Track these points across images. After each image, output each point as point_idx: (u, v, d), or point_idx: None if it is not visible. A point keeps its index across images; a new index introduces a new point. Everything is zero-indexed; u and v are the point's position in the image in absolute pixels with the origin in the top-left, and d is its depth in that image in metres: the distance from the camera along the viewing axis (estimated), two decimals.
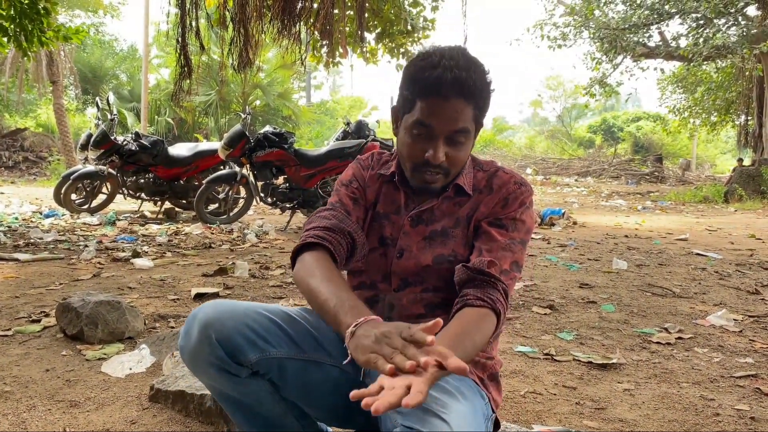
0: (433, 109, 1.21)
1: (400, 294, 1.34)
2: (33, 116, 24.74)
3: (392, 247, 1.36)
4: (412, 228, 1.35)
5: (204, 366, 1.17)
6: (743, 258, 5.35)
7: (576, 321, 3.08)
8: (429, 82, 1.20)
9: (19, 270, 4.04)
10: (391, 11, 8.42)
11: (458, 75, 1.18)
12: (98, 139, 7.47)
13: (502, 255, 1.25)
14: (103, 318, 2.55)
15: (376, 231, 1.39)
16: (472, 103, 1.22)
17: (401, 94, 1.28)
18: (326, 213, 1.36)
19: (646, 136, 32.87)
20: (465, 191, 1.34)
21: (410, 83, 1.24)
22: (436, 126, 1.22)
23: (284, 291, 3.61)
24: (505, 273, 1.23)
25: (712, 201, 14.49)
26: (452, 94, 1.19)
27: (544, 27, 17.82)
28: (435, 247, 1.32)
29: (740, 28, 14.99)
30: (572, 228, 7.69)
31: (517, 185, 1.33)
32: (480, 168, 1.39)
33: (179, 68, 6.68)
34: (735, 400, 2.07)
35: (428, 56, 1.22)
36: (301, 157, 6.96)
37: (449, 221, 1.34)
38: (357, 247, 1.34)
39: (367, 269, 1.39)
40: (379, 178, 1.43)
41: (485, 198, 1.34)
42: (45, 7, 6.16)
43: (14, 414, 1.83)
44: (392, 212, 1.39)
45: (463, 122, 1.22)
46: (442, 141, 1.23)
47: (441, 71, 1.18)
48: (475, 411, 1.11)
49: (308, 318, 1.34)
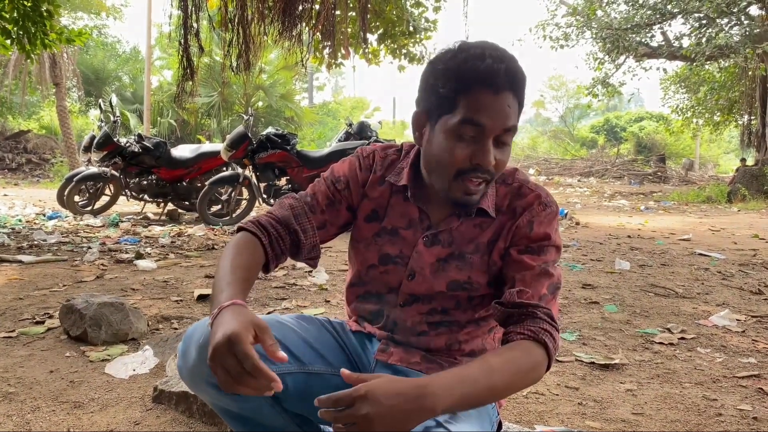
0: (484, 104, 1.07)
1: (406, 309, 1.27)
2: (36, 118, 24.83)
3: (401, 266, 1.26)
4: (426, 248, 1.24)
5: (203, 386, 1.15)
6: (746, 258, 5.34)
7: (578, 321, 3.08)
8: (479, 75, 1.06)
9: (22, 272, 4.06)
10: (394, 12, 8.44)
11: (510, 66, 1.07)
12: (101, 141, 7.48)
13: (538, 281, 1.15)
14: (106, 319, 2.55)
15: (378, 246, 1.28)
16: (518, 98, 1.10)
17: (433, 94, 1.12)
18: (287, 202, 1.28)
19: (648, 136, 32.81)
20: (488, 213, 1.21)
21: (450, 79, 1.09)
22: (487, 124, 1.08)
23: (287, 292, 3.61)
24: (544, 298, 1.13)
25: (716, 201, 14.46)
26: (504, 87, 1.07)
27: (546, 27, 17.81)
28: (449, 271, 1.22)
29: (743, 27, 14.96)
30: (575, 228, 7.69)
31: (542, 207, 1.20)
32: (503, 181, 1.24)
33: (182, 70, 6.71)
34: (737, 401, 2.07)
35: (466, 49, 1.09)
36: (303, 159, 6.98)
37: (468, 246, 1.22)
38: (302, 247, 1.26)
39: (372, 283, 1.31)
40: (383, 184, 1.29)
41: (509, 223, 1.21)
42: (48, 9, 6.18)
43: (18, 415, 1.84)
44: (402, 227, 1.26)
45: (514, 119, 1.11)
46: (491, 142, 1.10)
47: (491, 62, 1.06)
48: (481, 420, 1.11)
49: (306, 326, 1.30)
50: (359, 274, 1.33)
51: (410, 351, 1.27)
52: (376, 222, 1.29)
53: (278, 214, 1.25)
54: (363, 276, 1.32)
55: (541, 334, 1.07)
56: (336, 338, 1.34)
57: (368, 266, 1.30)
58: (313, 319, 1.35)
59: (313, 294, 3.60)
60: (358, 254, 1.32)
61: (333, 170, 1.33)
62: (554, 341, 1.09)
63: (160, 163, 7.62)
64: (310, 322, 1.33)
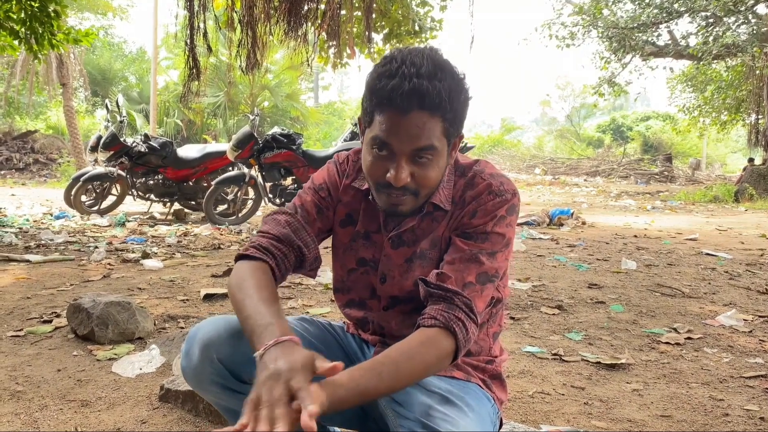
0: (391, 124, 1.05)
1: (389, 314, 1.28)
2: (43, 118, 24.93)
3: (373, 269, 1.27)
4: (393, 250, 1.24)
5: (207, 385, 1.16)
6: (753, 258, 5.31)
7: (584, 321, 3.07)
8: (384, 94, 1.04)
9: (30, 271, 4.08)
10: (399, 12, 8.43)
11: (418, 84, 1.02)
12: (108, 141, 7.52)
13: (465, 267, 1.13)
14: (113, 318, 2.57)
15: (354, 251, 1.29)
16: (438, 115, 1.05)
17: (362, 104, 1.13)
18: (283, 219, 1.27)
19: (655, 135, 32.69)
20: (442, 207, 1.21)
21: (367, 93, 1.09)
22: (394, 144, 1.07)
23: (293, 291, 3.62)
24: (468, 286, 1.12)
25: (723, 200, 14.40)
26: (412, 107, 1.03)
27: (552, 26, 17.76)
28: (414, 270, 1.22)
29: (750, 26, 14.89)
30: (581, 228, 7.67)
31: (491, 195, 1.18)
32: (461, 173, 1.23)
33: (188, 70, 6.73)
34: (744, 401, 2.06)
35: (388, 62, 1.07)
36: (309, 158, 6.99)
37: (427, 242, 1.22)
38: (306, 261, 1.27)
39: (354, 287, 1.31)
40: (354, 189, 1.30)
41: (457, 212, 1.21)
42: (55, 10, 6.22)
43: (26, 413, 1.85)
44: (373, 231, 1.28)
45: (428, 139, 1.06)
46: (405, 160, 1.08)
47: (398, 80, 1.03)
48: (482, 422, 1.11)
49: (308, 328, 1.32)
50: (341, 278, 1.34)
51: None
52: (351, 226, 1.30)
53: (277, 233, 1.25)
54: (345, 280, 1.33)
55: (452, 322, 1.07)
56: (337, 340, 1.37)
57: (348, 270, 1.31)
58: (314, 321, 1.37)
59: (319, 293, 3.60)
60: (338, 259, 1.34)
61: (313, 179, 1.34)
62: (465, 332, 1.08)
63: (167, 163, 7.65)
64: (312, 324, 1.35)
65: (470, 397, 1.14)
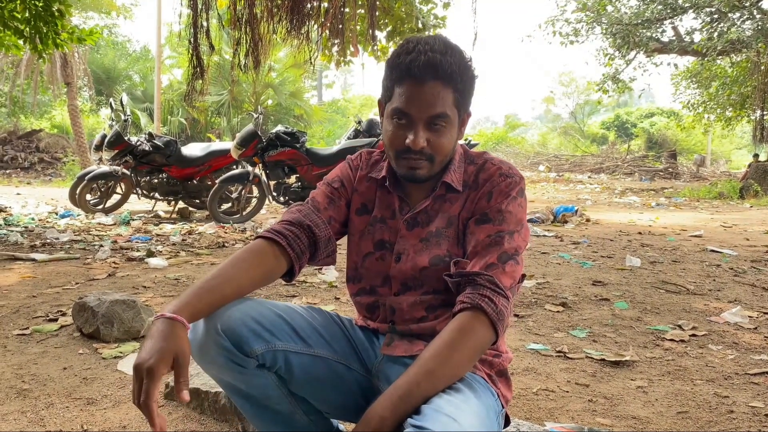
0: (410, 94, 1.19)
1: (401, 298, 1.32)
2: (48, 117, 25.04)
3: (390, 251, 1.34)
4: (408, 231, 1.33)
5: (211, 357, 1.18)
6: (758, 254, 5.30)
7: (589, 318, 3.07)
8: (403, 67, 1.19)
9: (35, 270, 4.10)
10: (402, 9, 8.40)
11: (432, 57, 1.16)
12: (112, 140, 7.54)
13: (486, 251, 1.21)
14: (118, 317, 2.58)
15: (372, 235, 1.37)
16: (450, 86, 1.19)
17: (383, 85, 1.28)
18: (295, 208, 1.37)
19: (659, 132, 32.60)
20: (454, 188, 1.31)
21: (388, 71, 1.24)
22: (413, 112, 1.20)
23: (297, 289, 3.63)
24: (491, 267, 1.19)
25: (727, 197, 14.35)
26: (427, 77, 1.17)
27: (555, 23, 17.69)
28: (431, 248, 1.29)
29: (755, 22, 14.80)
30: (585, 225, 7.66)
31: (503, 177, 1.28)
32: (471, 161, 1.35)
33: (192, 69, 6.73)
34: (749, 398, 2.06)
35: (406, 44, 1.22)
36: (313, 156, 7.00)
37: (442, 221, 1.31)
38: (319, 243, 1.33)
39: (366, 275, 1.37)
40: (369, 181, 1.41)
41: (472, 194, 1.30)
42: (59, 9, 6.23)
43: (33, 411, 1.86)
44: (388, 217, 1.36)
45: (442, 107, 1.20)
46: (422, 127, 1.21)
47: (415, 54, 1.17)
48: (486, 409, 1.11)
49: (315, 316, 1.35)
50: (355, 265, 1.40)
51: (414, 341, 1.30)
52: (367, 214, 1.40)
53: (289, 218, 1.34)
54: (359, 267, 1.39)
55: (478, 299, 1.14)
56: (344, 331, 1.39)
57: (364, 255, 1.37)
58: (322, 311, 1.40)
59: (323, 291, 3.61)
60: (354, 246, 1.40)
61: (326, 177, 1.45)
62: (495, 306, 1.14)
63: (171, 162, 7.67)
64: (320, 314, 1.37)
65: (475, 385, 1.15)
